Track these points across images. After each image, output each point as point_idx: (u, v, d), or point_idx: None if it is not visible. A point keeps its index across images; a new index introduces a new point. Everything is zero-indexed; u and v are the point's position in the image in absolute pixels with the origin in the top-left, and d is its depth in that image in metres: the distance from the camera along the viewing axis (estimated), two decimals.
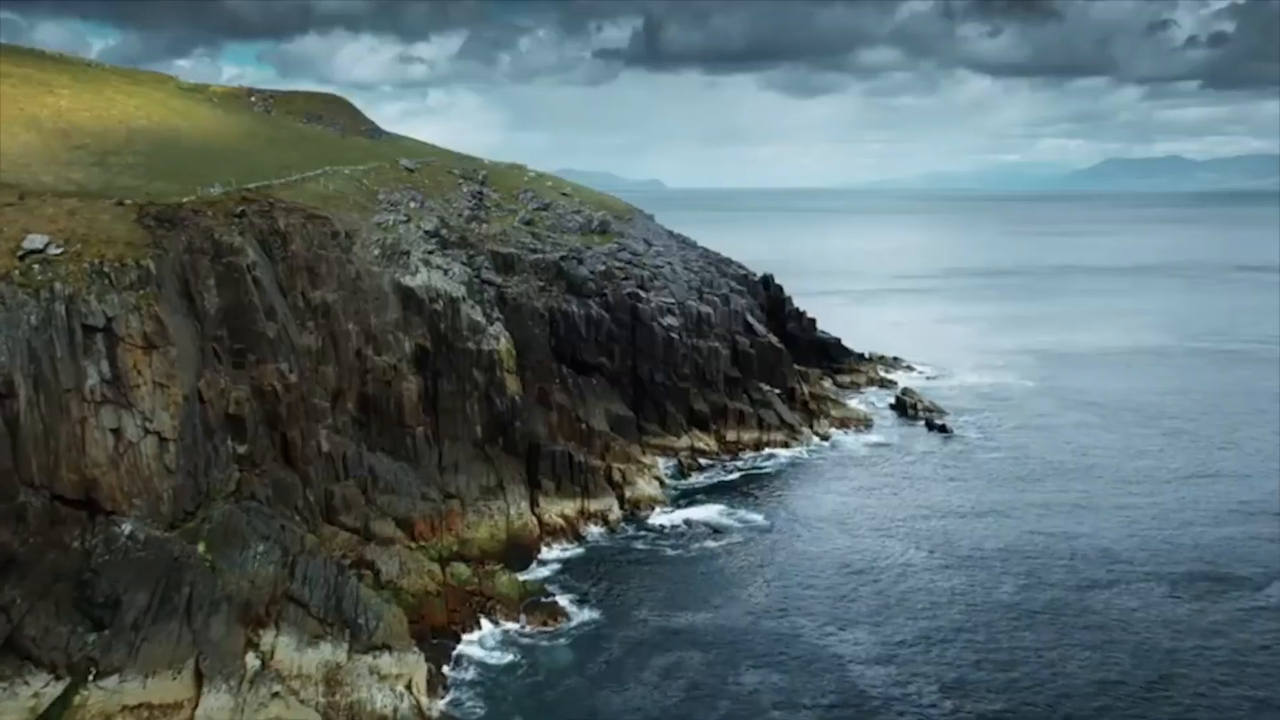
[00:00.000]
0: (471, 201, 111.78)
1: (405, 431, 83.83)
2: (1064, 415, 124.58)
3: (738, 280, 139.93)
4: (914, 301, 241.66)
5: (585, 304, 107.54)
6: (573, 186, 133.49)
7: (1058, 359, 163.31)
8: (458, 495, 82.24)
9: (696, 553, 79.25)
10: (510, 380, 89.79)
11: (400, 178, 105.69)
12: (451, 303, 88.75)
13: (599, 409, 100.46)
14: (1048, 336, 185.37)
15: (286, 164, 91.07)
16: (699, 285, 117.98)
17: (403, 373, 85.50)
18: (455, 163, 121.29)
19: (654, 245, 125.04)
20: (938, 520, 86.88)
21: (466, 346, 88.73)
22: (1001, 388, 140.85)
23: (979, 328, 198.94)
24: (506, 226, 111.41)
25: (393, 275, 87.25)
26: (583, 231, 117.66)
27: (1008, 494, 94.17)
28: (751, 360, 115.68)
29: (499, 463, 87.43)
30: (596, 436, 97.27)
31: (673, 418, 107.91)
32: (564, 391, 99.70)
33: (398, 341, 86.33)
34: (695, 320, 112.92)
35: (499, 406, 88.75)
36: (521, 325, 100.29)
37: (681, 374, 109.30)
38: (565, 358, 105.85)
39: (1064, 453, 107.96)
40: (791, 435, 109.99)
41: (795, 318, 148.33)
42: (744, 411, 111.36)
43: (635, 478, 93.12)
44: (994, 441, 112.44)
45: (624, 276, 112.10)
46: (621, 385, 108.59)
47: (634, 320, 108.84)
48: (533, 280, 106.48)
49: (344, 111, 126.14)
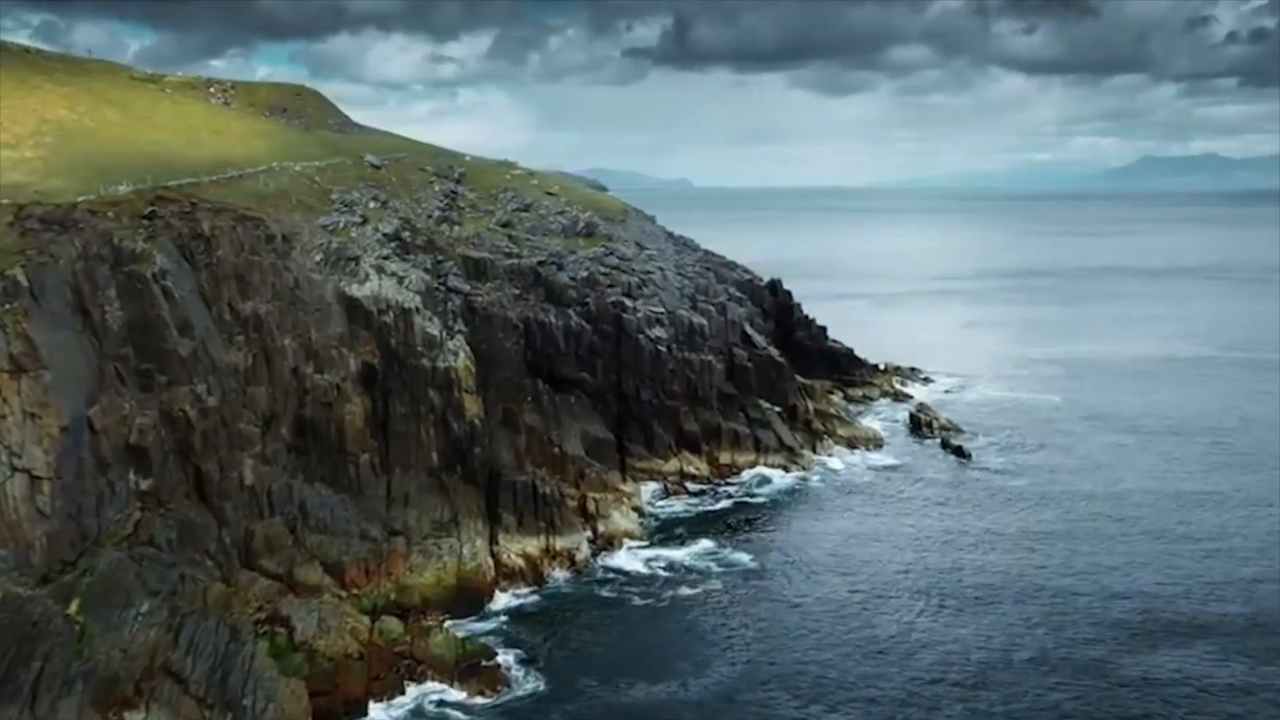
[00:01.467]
0: (443, 201, 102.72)
1: (348, 459, 74.86)
2: (1093, 435, 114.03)
3: (740, 286, 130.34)
4: (938, 305, 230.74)
5: (564, 313, 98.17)
6: (561, 186, 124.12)
7: (1087, 369, 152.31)
8: (404, 532, 73.10)
9: (668, 602, 69.65)
10: (469, 401, 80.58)
11: (363, 175, 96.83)
12: (403, 314, 79.65)
13: (574, 431, 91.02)
14: (1076, 345, 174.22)
15: (226, 160, 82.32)
16: (693, 293, 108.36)
17: (347, 393, 76.50)
18: (431, 159, 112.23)
19: (647, 249, 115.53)
20: (949, 563, 76.94)
21: (420, 363, 79.62)
22: (1025, 403, 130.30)
23: (1004, 334, 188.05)
24: (481, 229, 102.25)
25: (337, 284, 78.27)
26: (566, 234, 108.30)
27: (1030, 530, 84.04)
28: (749, 375, 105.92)
29: (456, 494, 78.26)
30: (570, 462, 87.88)
31: (660, 439, 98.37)
32: (536, 411, 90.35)
33: (341, 358, 77.34)
34: (687, 331, 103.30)
35: (456, 430, 79.59)
36: (491, 337, 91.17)
37: (670, 390, 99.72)
38: (542, 373, 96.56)
39: (1094, 480, 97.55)
40: (791, 458, 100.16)
41: (804, 326, 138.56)
42: (739, 432, 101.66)
43: (610, 510, 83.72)
44: (1015, 466, 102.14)
45: (609, 283, 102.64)
46: (605, 403, 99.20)
47: (618, 331, 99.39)
48: (507, 288, 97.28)
49: (312, 104, 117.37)
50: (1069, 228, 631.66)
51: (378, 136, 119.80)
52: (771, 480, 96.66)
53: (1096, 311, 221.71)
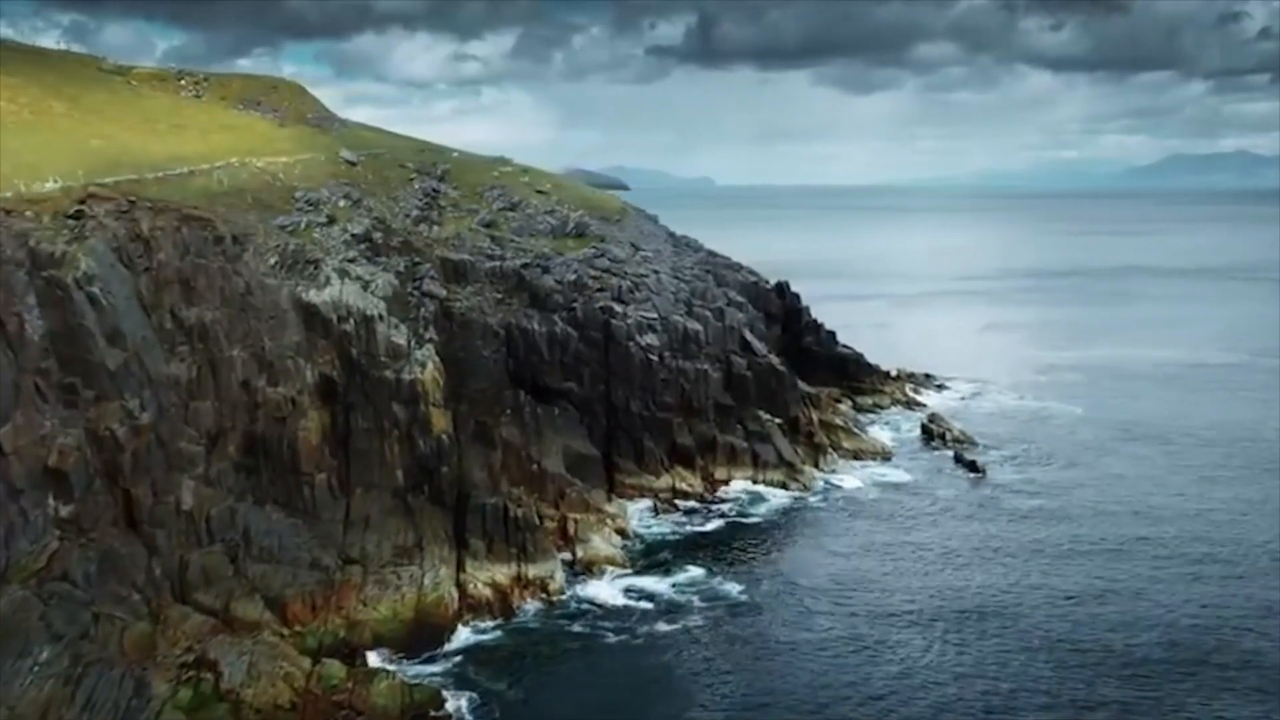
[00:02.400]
0: (422, 200, 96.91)
1: (301, 480, 69.18)
2: (1118, 449, 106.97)
3: (744, 289, 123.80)
4: (958, 306, 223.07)
5: (549, 319, 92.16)
6: (556, 184, 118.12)
7: (1110, 376, 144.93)
8: (362, 560, 67.27)
9: (644, 640, 63.40)
10: (437, 415, 74.65)
11: (335, 172, 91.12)
12: (365, 322, 73.80)
13: (556, 446, 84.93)
14: (1099, 349, 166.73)
15: (180, 155, 76.69)
16: (689, 297, 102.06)
17: (302, 407, 70.77)
18: (414, 155, 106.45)
19: (642, 250, 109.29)
20: (957, 594, 70.42)
21: (383, 375, 73.76)
22: (1043, 412, 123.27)
23: (1023, 337, 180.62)
24: (462, 229, 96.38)
25: (293, 289, 72.49)
26: (555, 235, 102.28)
27: (1047, 557, 77.42)
28: (748, 384, 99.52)
29: (421, 517, 72.47)
30: (549, 481, 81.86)
31: (651, 453, 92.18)
32: (515, 425, 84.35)
33: (297, 369, 71.61)
34: (681, 338, 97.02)
35: (422, 447, 73.71)
36: (469, 345, 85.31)
37: (662, 402, 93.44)
38: (525, 383, 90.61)
39: (1118, 501, 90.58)
40: (790, 474, 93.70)
41: (813, 330, 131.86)
42: (735, 446, 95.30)
43: (590, 533, 77.60)
44: (1033, 484, 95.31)
45: (598, 287, 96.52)
46: (593, 414, 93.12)
47: (607, 338, 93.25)
48: (488, 292, 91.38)
49: (290, 97, 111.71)
50: (1094, 226, 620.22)
51: (361, 131, 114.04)
52: (767, 499, 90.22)
53: (1121, 314, 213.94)
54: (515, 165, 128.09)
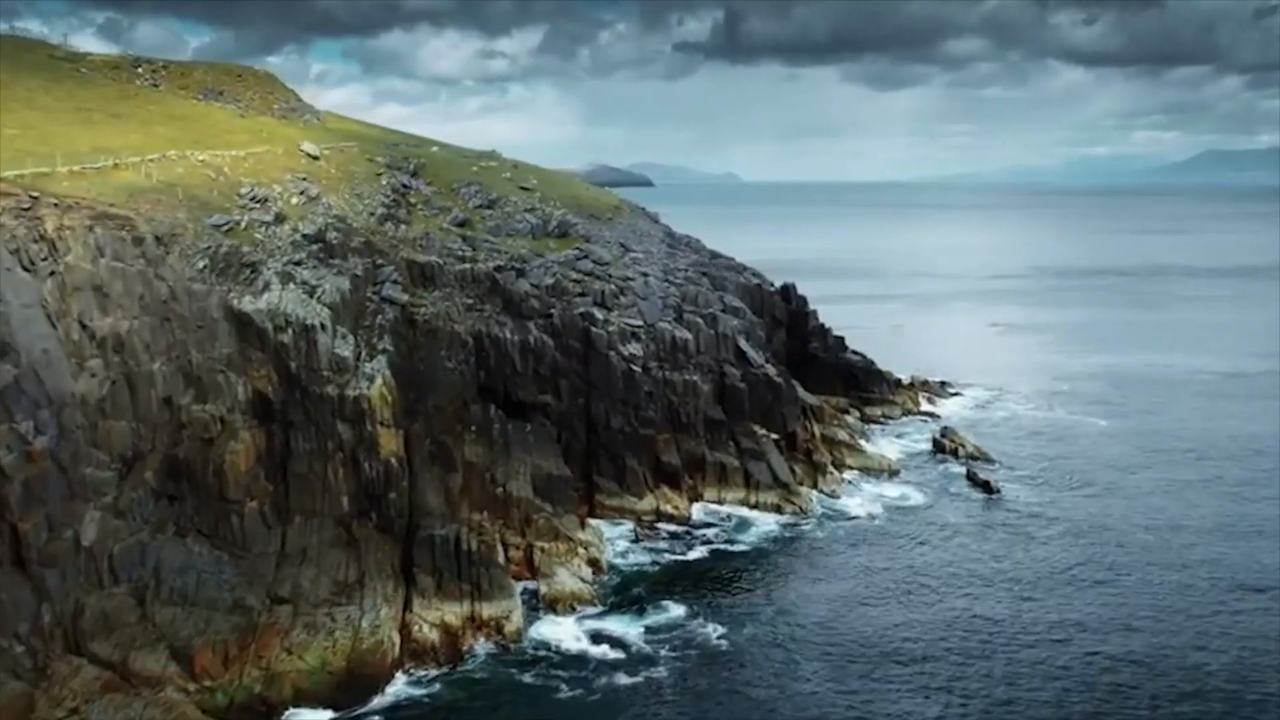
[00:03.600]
0: (390, 197, 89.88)
1: (229, 508, 62.11)
2: (1147, 469, 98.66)
3: (744, 292, 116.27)
4: (978, 307, 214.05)
5: (524, 327, 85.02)
6: (544, 180, 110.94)
7: (1139, 385, 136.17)
8: (293, 599, 60.24)
9: (602, 695, 55.99)
10: (385, 435, 67.52)
11: (293, 166, 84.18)
12: (305, 332, 66.72)
13: (525, 467, 77.72)
14: (1127, 355, 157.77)
15: (107, 147, 69.90)
16: (678, 302, 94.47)
17: (233, 427, 63.79)
18: (388, 149, 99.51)
19: (633, 251, 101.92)
20: (963, 637, 62.71)
21: (325, 391, 66.69)
22: (1065, 425, 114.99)
23: (1047, 341, 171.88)
24: (432, 228, 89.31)
25: (224, 295, 65.50)
26: (535, 235, 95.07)
27: (1066, 591, 69.65)
28: (741, 397, 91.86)
29: (367, 549, 65.44)
30: (514, 506, 74.69)
31: (633, 473, 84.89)
32: (481, 444, 77.25)
33: (228, 385, 64.62)
34: (669, 347, 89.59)
35: (368, 472, 66.64)
36: (431, 356, 78.23)
37: (645, 417, 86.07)
38: (496, 396, 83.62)
39: (1145, 525, 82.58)
40: (786, 496, 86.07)
41: (819, 335, 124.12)
42: (726, 465, 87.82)
43: (557, 566, 70.32)
44: (1050, 507, 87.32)
45: (579, 292, 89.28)
46: (572, 430, 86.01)
47: (586, 348, 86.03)
48: (457, 297, 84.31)
49: (257, 87, 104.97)
50: (1124, 224, 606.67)
51: (334, 123, 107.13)
52: (759, 524, 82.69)
53: (1151, 317, 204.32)
54: (505, 160, 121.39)
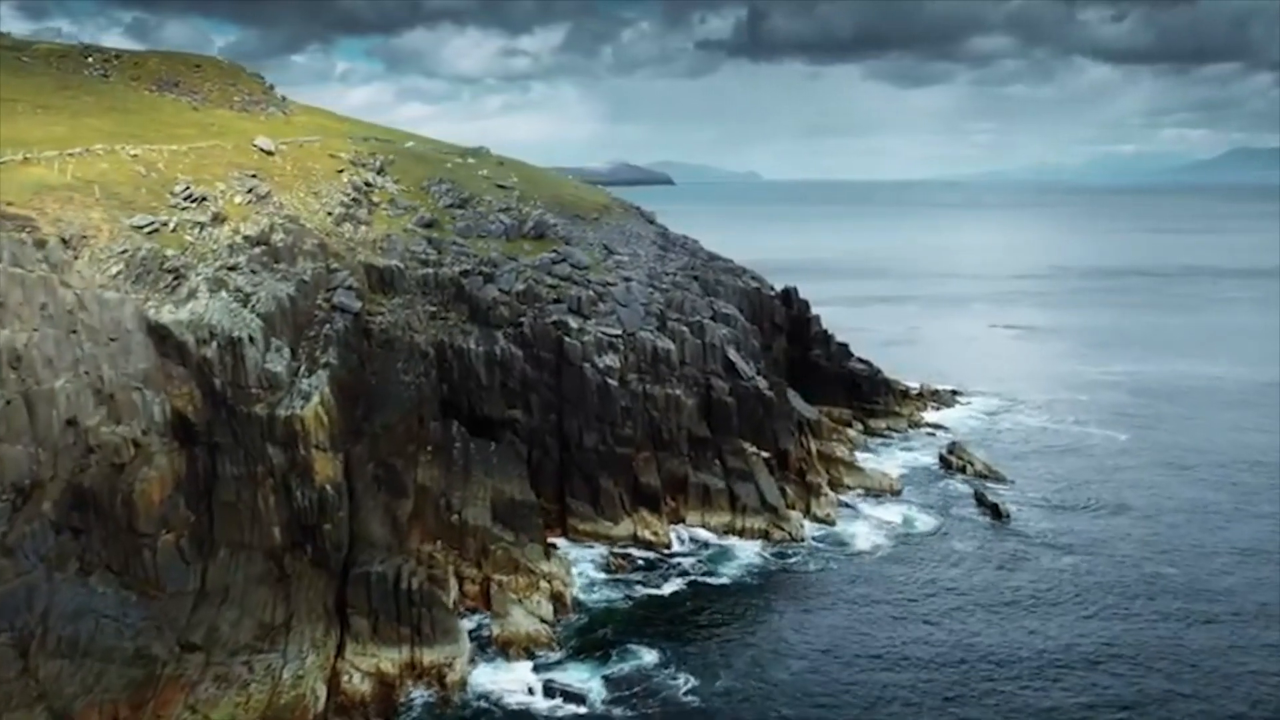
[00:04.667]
0: (350, 195, 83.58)
1: (141, 542, 55.89)
2: (1170, 489, 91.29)
3: (742, 297, 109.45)
4: (995, 309, 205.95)
5: (490, 336, 78.71)
6: (528, 178, 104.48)
7: (1163, 396, 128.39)
8: (207, 645, 54.03)
9: None
10: (320, 460, 61.07)
11: (241, 162, 77.98)
12: (232, 345, 60.39)
13: (485, 491, 71.29)
14: (1151, 362, 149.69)
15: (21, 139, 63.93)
16: (662, 309, 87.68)
17: (148, 451, 57.58)
18: (356, 144, 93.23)
19: (617, 253, 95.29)
20: (965, 689, 55.84)
21: (253, 411, 60.35)
22: (1083, 439, 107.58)
23: (1066, 347, 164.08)
24: (395, 229, 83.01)
25: (140, 305, 59.21)
26: (508, 236, 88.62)
27: (1082, 635, 62.64)
28: (729, 412, 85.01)
29: (298, 586, 59.15)
30: (471, 535, 68.27)
31: (608, 495, 78.32)
32: (438, 465, 70.89)
33: (144, 404, 58.37)
34: (650, 358, 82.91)
35: (300, 500, 60.29)
36: (386, 370, 71.86)
37: (621, 435, 79.46)
38: (460, 412, 77.36)
39: (1169, 557, 75.38)
40: (775, 521, 79.23)
41: (822, 342, 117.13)
42: (710, 486, 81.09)
43: (513, 604, 63.76)
44: (1065, 534, 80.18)
45: (554, 298, 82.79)
46: (544, 448, 79.59)
47: (558, 359, 79.54)
48: (419, 304, 78.05)
49: (218, 79, 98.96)
50: (1150, 223, 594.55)
51: (301, 116, 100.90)
52: (743, 553, 75.88)
53: (1177, 320, 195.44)
54: (491, 156, 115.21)
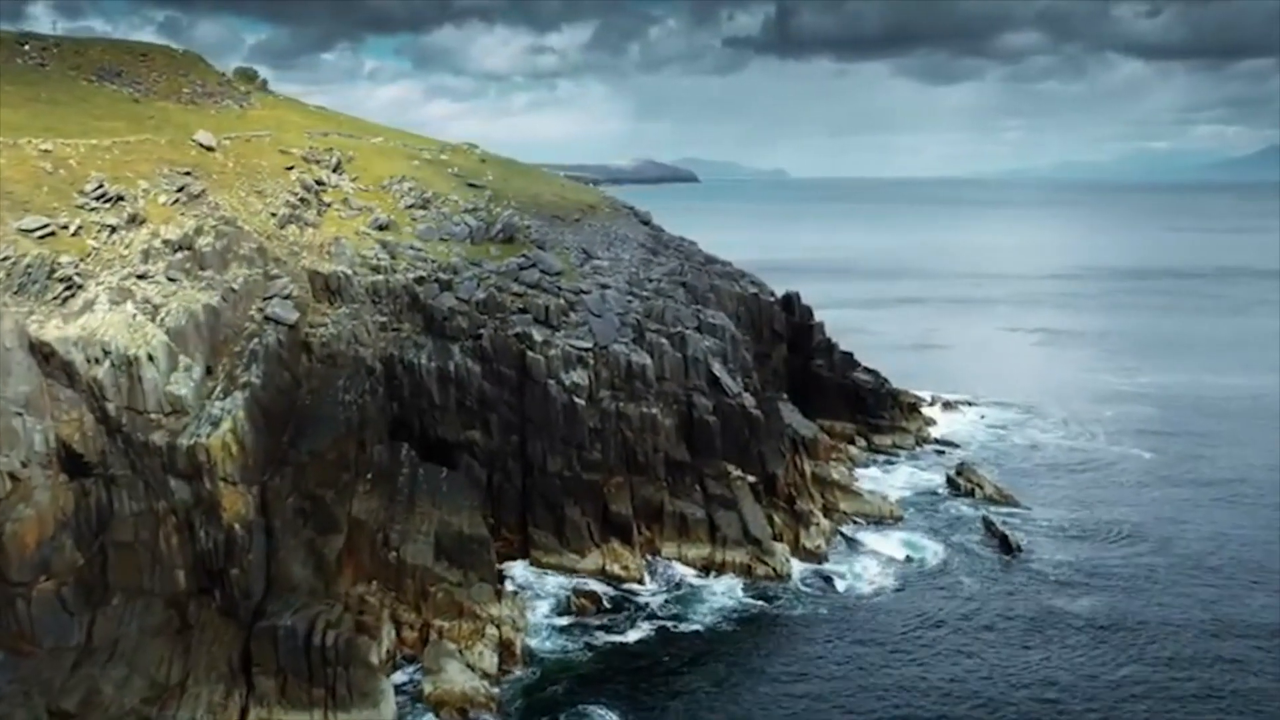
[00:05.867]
0: (298, 195, 76.70)
1: (14, 591, 49.23)
2: (1203, 516, 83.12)
3: (739, 303, 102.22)
4: (1021, 311, 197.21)
5: (445, 350, 71.70)
6: (511, 175, 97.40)
7: (1192, 409, 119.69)
8: (82, 712, 47.25)
9: None
10: (229, 495, 54.12)
11: (175, 158, 71.26)
12: (128, 365, 53.52)
13: (431, 523, 64.11)
14: (1180, 371, 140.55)
15: None
16: (640, 319, 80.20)
17: (27, 486, 50.84)
18: (313, 139, 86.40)
19: (596, 257, 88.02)
20: None
21: (151, 439, 53.48)
22: (1105, 458, 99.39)
23: (1090, 354, 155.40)
24: (346, 232, 76.06)
25: (21, 320, 52.42)
26: (474, 240, 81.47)
27: (1099, 693, 54.89)
28: (712, 433, 77.50)
29: (201, 639, 52.37)
30: (409, 575, 61.16)
31: (574, 525, 71.13)
32: (377, 496, 63.77)
33: (24, 431, 51.58)
34: (624, 374, 75.54)
35: (204, 542, 53.38)
36: (323, 388, 64.86)
37: (589, 459, 72.23)
38: (411, 434, 70.40)
39: (1204, 600, 67.37)
40: (758, 555, 71.75)
41: (824, 352, 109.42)
42: (688, 515, 73.68)
43: (449, 658, 56.61)
44: (1083, 570, 72.26)
45: (518, 308, 75.62)
46: (505, 472, 72.57)
47: (521, 375, 72.39)
48: (368, 314, 71.06)
49: (167, 68, 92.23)
50: (1182, 221, 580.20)
51: (259, 111, 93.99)
52: (719, 593, 68.44)
53: (1211, 325, 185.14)
54: (475, 152, 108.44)
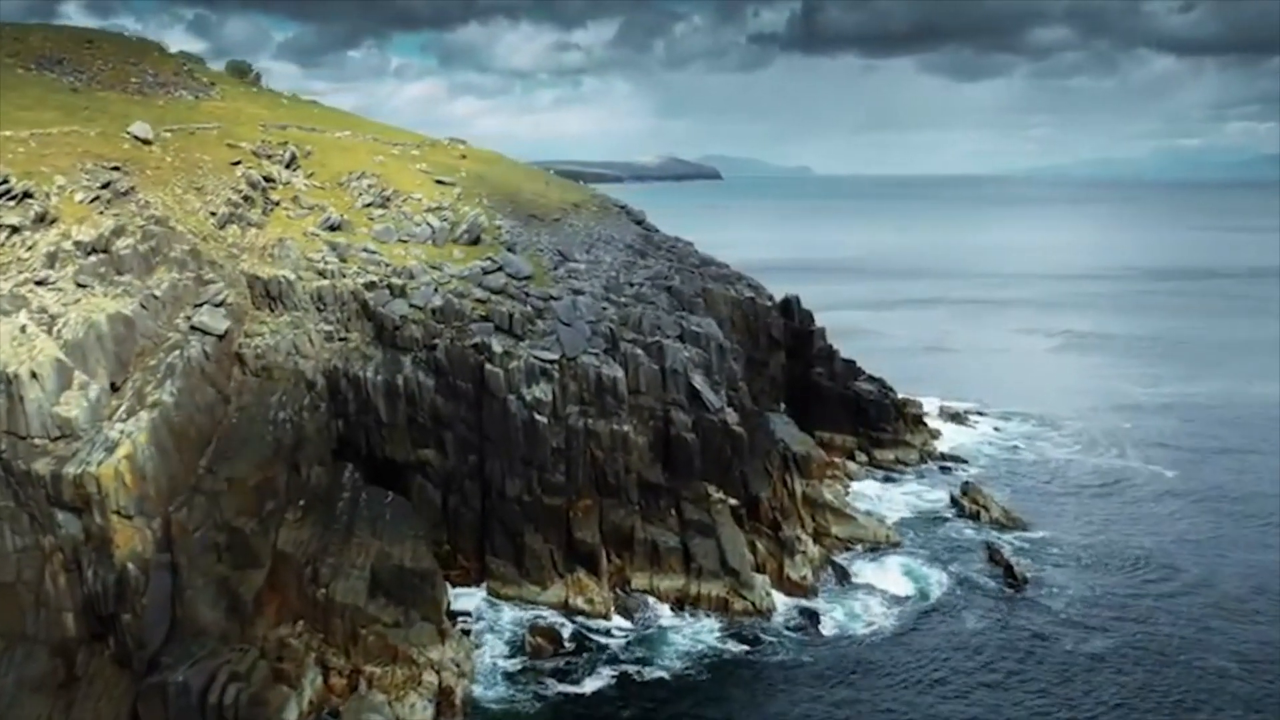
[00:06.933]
0: (241, 192, 70.93)
1: None
2: (1233, 545, 75.99)
3: (733, 308, 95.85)
4: (1041, 313, 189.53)
5: (394, 362, 65.72)
6: (477, 173, 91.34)
7: (1220, 421, 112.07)
8: None
9: None
10: (123, 531, 48.32)
11: (104, 152, 65.66)
12: (7, 385, 47.79)
13: (367, 555, 58.11)
14: (1206, 380, 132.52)
15: None
16: (614, 327, 73.77)
17: None
18: (269, 133, 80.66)
19: (572, 260, 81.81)
20: None
21: (34, 468, 47.73)
22: (1123, 475, 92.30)
23: (1115, 358, 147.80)
24: (293, 233, 70.22)
25: None
26: (435, 241, 75.39)
27: None
28: (690, 452, 70.97)
29: (89, 693, 46.63)
30: (338, 615, 55.14)
31: (534, 554, 65.04)
32: (308, 525, 57.90)
33: None
34: (593, 388, 69.26)
35: (91, 584, 47.60)
36: (254, 405, 59.08)
37: (552, 482, 66.07)
38: (358, 454, 64.57)
39: (1235, 643, 60.55)
40: (736, 588, 65.39)
41: (825, 360, 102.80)
42: (660, 543, 67.35)
43: (372, 711, 50.59)
44: (1097, 609, 65.38)
45: (479, 315, 69.47)
46: (462, 495, 66.61)
47: (479, 390, 66.33)
48: (311, 323, 65.22)
49: (116, 56, 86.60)
50: (1214, 220, 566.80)
51: (217, 103, 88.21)
52: (689, 632, 62.17)
53: (1242, 329, 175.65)
54: (456, 146, 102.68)
